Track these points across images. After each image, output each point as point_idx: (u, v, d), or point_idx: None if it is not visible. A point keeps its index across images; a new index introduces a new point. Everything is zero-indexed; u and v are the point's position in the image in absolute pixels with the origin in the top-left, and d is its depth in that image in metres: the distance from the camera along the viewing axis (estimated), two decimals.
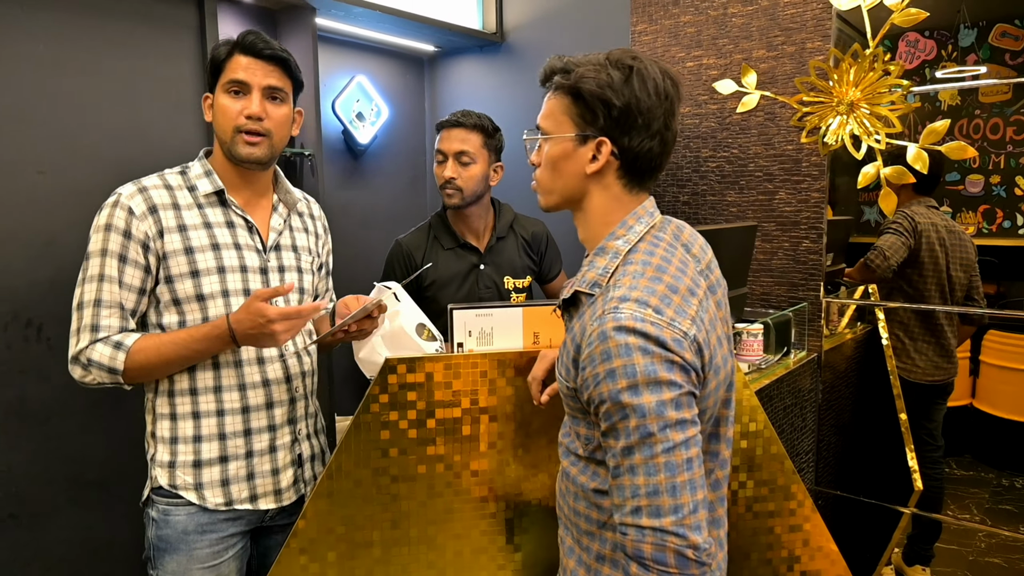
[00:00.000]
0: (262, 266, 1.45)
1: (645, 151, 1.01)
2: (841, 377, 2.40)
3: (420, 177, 3.19)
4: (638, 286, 0.96)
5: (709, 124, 2.33)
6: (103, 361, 1.33)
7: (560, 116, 1.03)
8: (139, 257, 1.35)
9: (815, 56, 2.09)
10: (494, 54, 2.98)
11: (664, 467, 0.90)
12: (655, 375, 0.90)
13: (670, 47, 2.39)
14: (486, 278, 2.03)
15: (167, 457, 1.41)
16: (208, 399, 1.40)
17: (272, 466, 1.46)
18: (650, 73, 0.99)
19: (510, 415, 1.39)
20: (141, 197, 1.36)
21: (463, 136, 1.96)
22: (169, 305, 1.38)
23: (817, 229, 2.17)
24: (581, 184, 1.04)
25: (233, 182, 1.44)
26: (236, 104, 1.38)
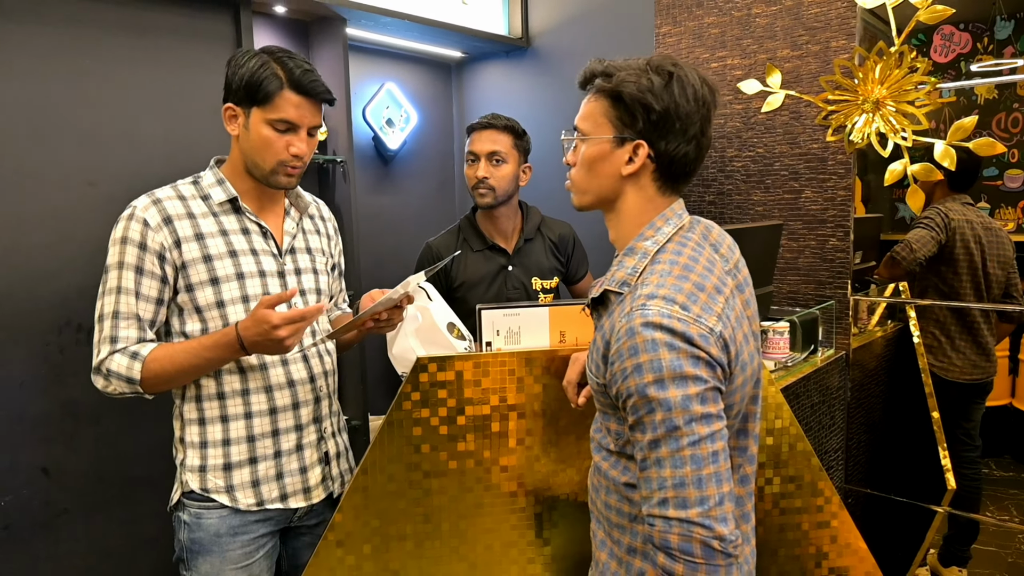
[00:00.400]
0: (279, 270, 1.47)
1: (681, 155, 1.04)
2: (871, 375, 2.39)
3: (449, 181, 3.25)
4: (665, 284, 0.99)
5: (734, 124, 2.34)
6: (120, 371, 1.35)
7: (599, 118, 1.07)
8: (155, 268, 1.37)
9: (840, 55, 2.09)
10: (520, 59, 3.02)
11: (690, 460, 0.93)
12: (681, 370, 0.93)
13: (694, 48, 2.41)
14: (514, 279, 2.08)
15: (197, 461, 1.44)
16: (236, 402, 1.43)
17: (300, 464, 1.49)
18: (690, 80, 1.03)
19: (538, 412, 1.43)
20: (155, 209, 1.38)
21: (494, 137, 2.02)
22: (192, 313, 1.40)
23: (844, 227, 2.16)
24: (616, 185, 1.08)
25: (246, 190, 1.46)
26: (280, 140, 1.38)
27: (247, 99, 1.37)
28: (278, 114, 1.37)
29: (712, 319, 0.97)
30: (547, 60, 2.95)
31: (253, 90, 1.36)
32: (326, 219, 1.64)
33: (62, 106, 1.85)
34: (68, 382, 1.87)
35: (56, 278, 1.84)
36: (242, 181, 1.45)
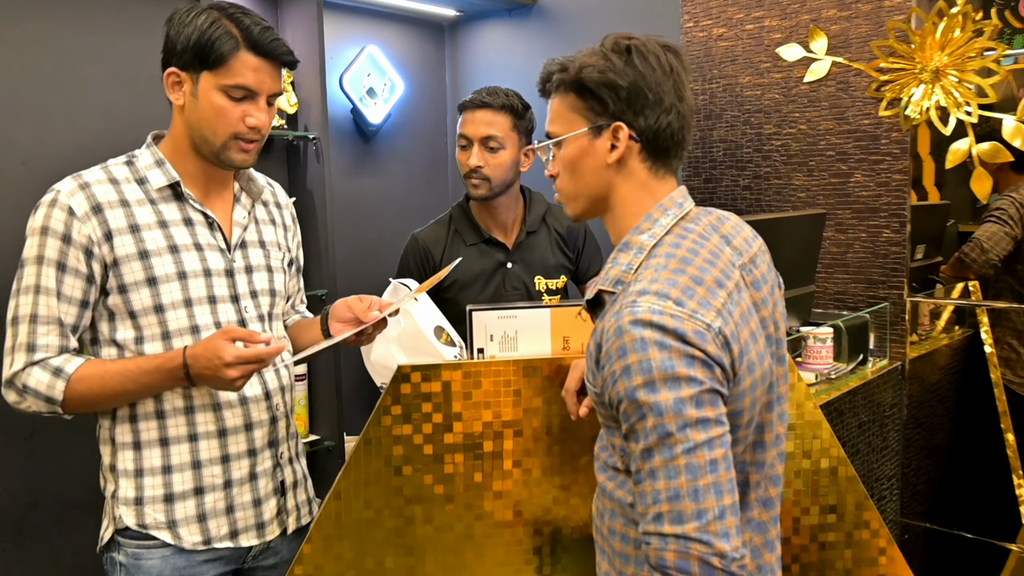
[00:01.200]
0: (227, 268, 1.48)
1: (664, 127, 1.12)
2: (932, 390, 2.43)
3: (440, 162, 3.30)
4: (659, 279, 1.05)
5: (772, 96, 2.39)
6: (39, 389, 1.34)
7: (568, 115, 1.16)
8: (80, 265, 1.36)
9: (894, 15, 2.13)
10: (525, 18, 3.07)
11: (685, 469, 0.97)
12: (672, 370, 0.99)
13: (726, 7, 2.45)
14: (514, 278, 2.11)
15: (132, 493, 1.43)
16: (178, 422, 1.44)
17: (253, 496, 1.50)
18: (649, 49, 1.12)
19: (538, 430, 1.47)
20: (83, 195, 1.36)
21: (490, 118, 2.04)
22: (124, 318, 1.40)
23: (900, 217, 2.20)
24: (604, 178, 1.15)
25: (190, 172, 1.45)
26: (236, 109, 1.39)
27: (195, 62, 1.37)
28: (233, 79, 1.37)
29: (710, 314, 1.02)
30: (556, 20, 3.00)
31: (203, 52, 1.35)
32: (282, 206, 1.64)
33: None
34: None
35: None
36: (186, 162, 1.45)
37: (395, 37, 3.09)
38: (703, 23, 2.51)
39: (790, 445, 1.52)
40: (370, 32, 3.00)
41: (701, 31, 2.52)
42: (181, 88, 1.41)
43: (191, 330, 1.43)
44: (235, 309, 1.48)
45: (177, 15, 1.40)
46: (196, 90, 1.39)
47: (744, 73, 2.44)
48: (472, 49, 3.24)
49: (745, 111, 2.45)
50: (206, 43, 1.36)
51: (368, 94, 2.98)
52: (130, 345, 1.42)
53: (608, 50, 1.12)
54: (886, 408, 2.17)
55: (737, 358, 1.05)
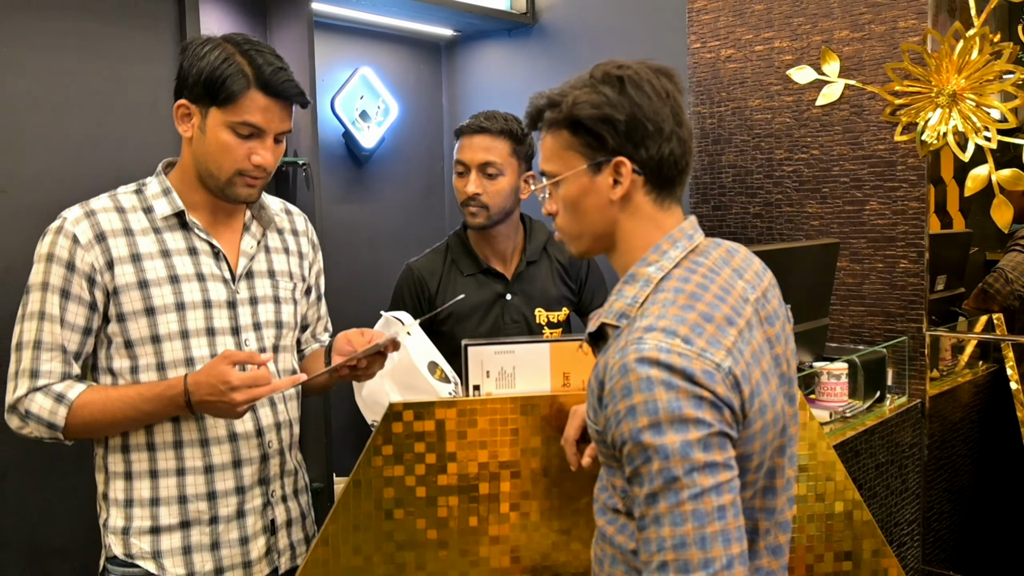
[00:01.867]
0: (229, 299, 1.52)
1: (667, 156, 1.13)
2: (954, 430, 2.43)
3: (436, 188, 3.33)
4: (667, 315, 1.06)
5: (783, 120, 2.42)
6: (42, 415, 1.41)
7: (563, 153, 1.16)
8: (83, 292, 1.42)
9: (909, 37, 2.17)
10: (524, 38, 3.11)
11: (691, 516, 0.98)
12: (679, 412, 0.99)
13: (734, 28, 2.50)
14: (513, 310, 2.13)
15: (121, 522, 1.48)
16: (167, 456, 1.49)
17: (240, 534, 1.54)
18: (642, 76, 1.13)
19: (536, 471, 1.48)
20: (88, 223, 1.43)
21: (488, 144, 2.07)
22: (121, 347, 1.46)
23: (918, 246, 2.23)
24: (608, 215, 1.16)
25: (197, 202, 1.50)
26: (242, 146, 1.44)
27: (205, 97, 1.43)
28: (241, 116, 1.42)
29: (720, 353, 1.03)
30: (558, 40, 3.04)
31: (214, 87, 1.41)
32: (299, 232, 1.69)
33: None
34: None
35: None
36: (193, 192, 1.51)
37: (389, 58, 3.14)
38: (710, 44, 2.56)
39: (802, 487, 1.53)
40: (363, 53, 3.04)
41: (708, 52, 2.56)
42: (190, 120, 1.47)
43: (186, 362, 1.48)
44: (235, 342, 1.53)
45: (192, 46, 1.46)
46: (204, 124, 1.45)
47: (754, 96, 2.48)
48: (470, 70, 3.29)
49: (755, 135, 2.48)
50: (217, 79, 1.41)
51: (361, 117, 3.02)
52: (125, 374, 1.48)
53: (599, 82, 1.13)
54: (905, 448, 2.18)
55: (747, 399, 1.06)
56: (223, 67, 1.41)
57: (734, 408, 1.04)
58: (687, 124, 1.16)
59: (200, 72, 1.42)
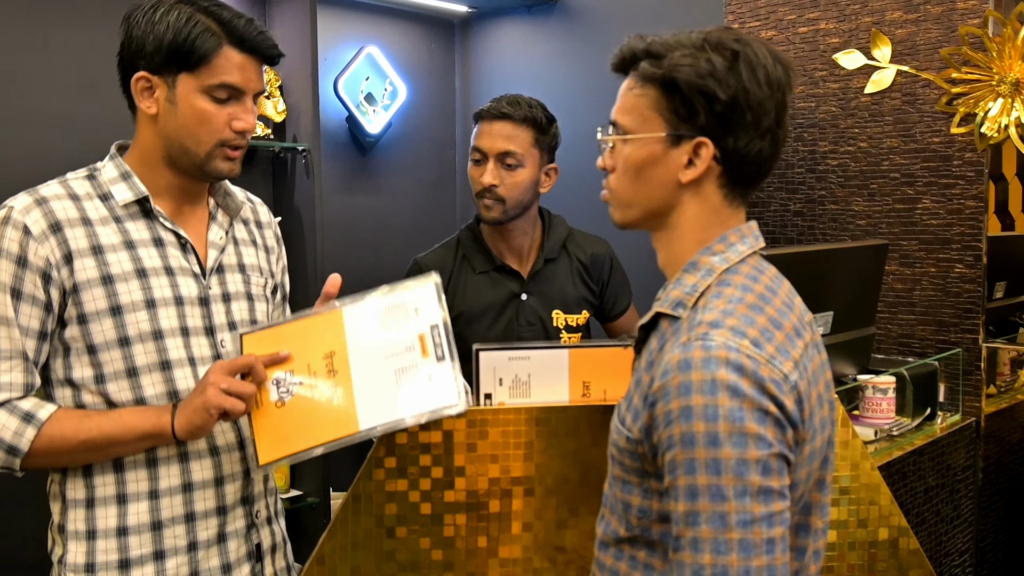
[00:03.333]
0: (201, 295, 1.49)
1: (754, 153, 1.10)
2: (1013, 451, 2.42)
3: (448, 177, 3.34)
4: (734, 312, 1.04)
5: (828, 109, 2.41)
6: (3, 436, 1.34)
7: (647, 111, 1.12)
8: (38, 291, 1.36)
9: (968, 19, 2.16)
10: (546, 16, 3.12)
11: (738, 545, 0.96)
12: (741, 424, 0.97)
13: (776, 7, 2.49)
14: (529, 311, 2.13)
15: (82, 559, 1.42)
16: (139, 476, 1.44)
17: (222, 561, 1.50)
18: (760, 59, 1.08)
19: (551, 488, 1.48)
20: (40, 211, 1.37)
21: (509, 131, 2.06)
22: (82, 353, 1.40)
23: (974, 249, 2.21)
24: (671, 195, 1.13)
25: (160, 187, 1.46)
26: (221, 112, 1.42)
27: (171, 64, 1.40)
28: (218, 78, 1.40)
29: (788, 364, 1.02)
30: (583, 18, 3.04)
31: (181, 52, 1.38)
32: (263, 224, 1.67)
33: None
34: None
35: None
36: (156, 175, 1.47)
37: (398, 36, 3.15)
38: (750, 25, 2.55)
39: (844, 512, 1.52)
40: (369, 31, 3.05)
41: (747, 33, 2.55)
42: (152, 95, 1.43)
43: (161, 366, 1.43)
44: (209, 343, 1.49)
45: (139, 12, 1.41)
46: (174, 95, 1.41)
47: (796, 82, 2.45)
48: (486, 50, 3.29)
49: (797, 125, 2.47)
50: (183, 42, 1.38)
51: (366, 100, 3.03)
52: (89, 384, 1.42)
53: (712, 48, 1.08)
54: (958, 471, 2.17)
55: (807, 419, 1.04)
56: (188, 27, 1.38)
57: (797, 427, 1.02)
58: (786, 126, 1.12)
59: (160, 38, 1.38)
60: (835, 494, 1.51)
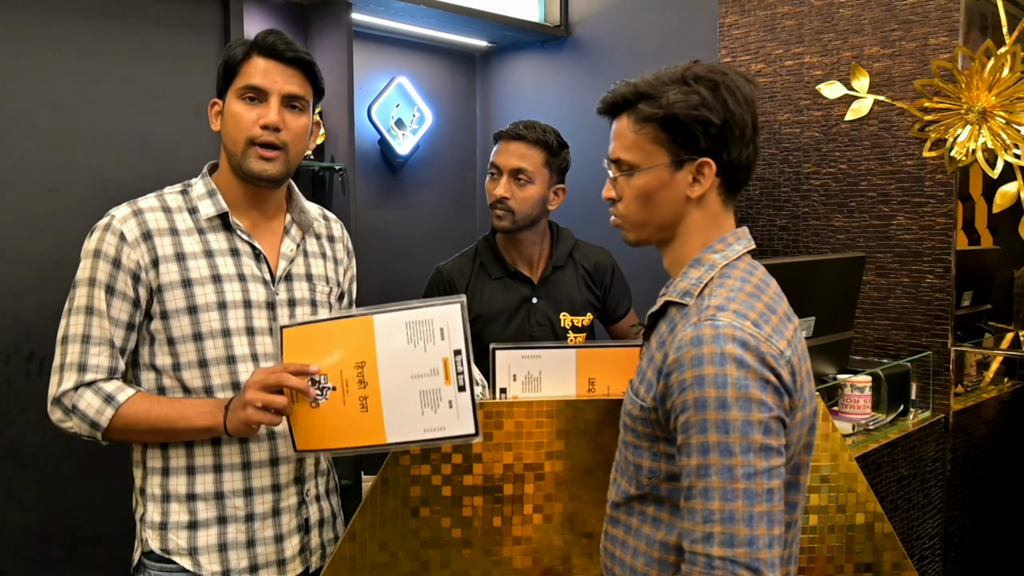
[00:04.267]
0: (269, 300, 1.54)
1: (744, 160, 1.17)
2: (978, 445, 2.40)
3: (468, 195, 3.34)
4: (736, 299, 1.10)
5: (812, 134, 2.40)
6: (88, 412, 1.42)
7: (649, 146, 1.17)
8: (128, 289, 1.44)
9: (939, 54, 2.15)
10: (558, 50, 3.12)
11: (743, 494, 1.01)
12: (746, 391, 1.03)
13: (765, 42, 2.48)
14: (539, 313, 2.14)
15: (158, 517, 1.49)
16: (204, 452, 1.50)
17: (275, 532, 1.54)
18: (736, 83, 1.16)
19: (561, 474, 1.48)
20: (135, 221, 1.45)
21: (523, 151, 2.09)
22: (163, 344, 1.47)
23: (944, 262, 2.20)
24: (679, 210, 1.19)
25: (239, 202, 1.53)
26: (251, 112, 1.47)
27: (222, 83, 1.50)
28: (244, 81, 1.47)
29: (783, 342, 1.08)
30: (590, 53, 3.05)
31: (225, 70, 1.49)
32: (336, 239, 1.71)
33: (23, 101, 1.98)
34: (14, 419, 1.97)
35: (7, 298, 1.96)
36: (233, 190, 1.54)
37: (425, 68, 3.16)
38: (741, 58, 2.54)
39: (824, 498, 1.51)
40: (400, 63, 3.07)
41: (739, 66, 2.55)
42: (220, 116, 1.52)
43: (227, 360, 1.49)
44: (273, 342, 1.52)
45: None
46: (224, 108, 1.50)
47: (783, 110, 2.46)
48: (503, 81, 3.30)
49: (783, 149, 2.46)
50: (226, 61, 1.49)
51: (396, 125, 3.04)
52: (168, 371, 1.48)
53: (695, 81, 1.14)
54: (928, 463, 2.15)
55: (798, 390, 1.10)
56: (232, 51, 1.49)
57: (792, 395, 1.08)
58: (759, 130, 1.19)
59: (218, 68, 1.50)
60: (816, 482, 1.51)
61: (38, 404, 1.98)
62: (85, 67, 2.08)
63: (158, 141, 2.19)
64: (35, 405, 1.99)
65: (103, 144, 2.11)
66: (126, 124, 2.14)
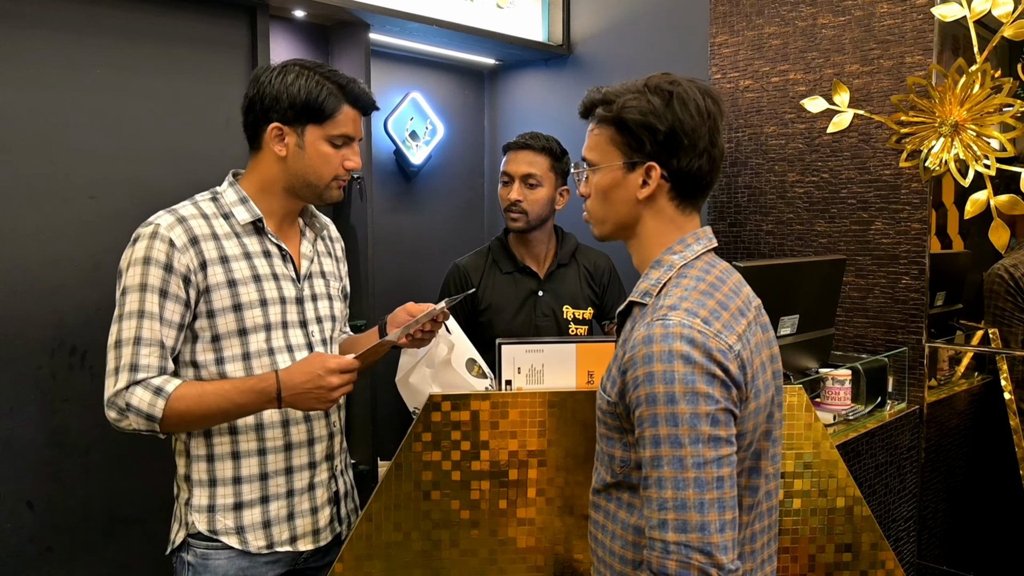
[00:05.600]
0: (298, 296, 1.58)
1: (695, 170, 1.15)
2: (951, 435, 2.39)
3: (477, 200, 3.35)
4: (689, 297, 1.09)
5: (796, 145, 2.40)
6: (141, 407, 1.41)
7: (606, 146, 1.19)
8: (180, 291, 1.45)
9: (915, 72, 2.14)
10: (560, 68, 3.12)
11: (693, 483, 1.01)
12: (693, 385, 1.02)
13: (753, 61, 2.48)
14: (544, 305, 2.18)
15: (205, 501, 1.51)
16: (249, 438, 1.52)
17: (311, 504, 1.59)
18: (690, 95, 1.15)
19: (561, 460, 1.48)
20: (181, 228, 1.46)
21: (530, 159, 2.16)
22: (207, 341, 1.48)
23: (919, 264, 2.19)
24: (633, 210, 1.19)
25: (270, 210, 1.56)
26: (338, 155, 1.54)
27: (302, 118, 1.51)
28: (339, 130, 1.52)
29: (732, 337, 1.06)
30: (590, 70, 3.05)
31: (312, 109, 1.49)
32: (334, 240, 1.76)
33: (64, 115, 1.99)
34: (58, 409, 1.98)
35: (52, 297, 1.97)
36: (269, 200, 1.56)
37: (437, 84, 3.16)
38: (730, 75, 2.54)
39: (807, 483, 1.51)
40: (414, 79, 3.07)
41: (728, 83, 2.54)
42: (283, 141, 1.52)
43: (268, 352, 1.52)
44: (303, 333, 1.58)
45: (268, 73, 1.52)
46: (303, 142, 1.52)
47: (769, 123, 2.46)
48: (510, 96, 3.30)
49: (769, 159, 2.46)
50: (314, 101, 1.50)
51: (411, 137, 3.04)
52: (209, 366, 1.50)
53: (651, 91, 1.15)
54: (903, 450, 2.14)
55: (749, 382, 1.08)
56: (318, 90, 1.50)
57: (741, 387, 1.06)
58: (721, 145, 1.18)
59: (294, 97, 1.49)
60: (799, 468, 1.51)
61: (80, 395, 2.01)
62: (124, 82, 2.09)
63: (190, 152, 2.20)
64: (77, 395, 2.00)
65: (139, 154, 2.12)
66: (160, 136, 2.15)
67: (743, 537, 1.15)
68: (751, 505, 1.16)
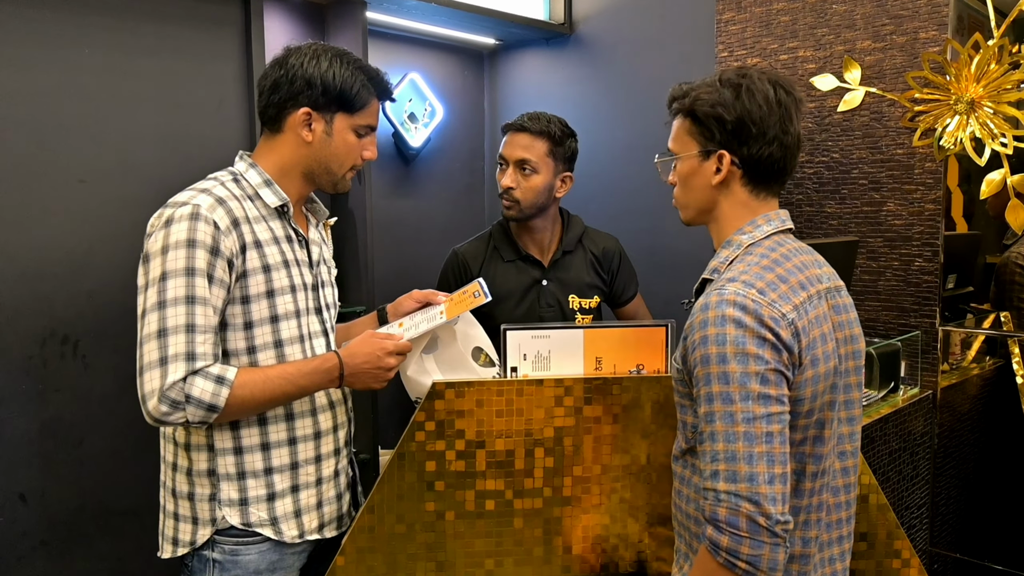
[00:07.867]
0: (312, 282, 1.57)
1: (765, 157, 1.24)
2: (964, 420, 2.36)
3: (477, 184, 3.30)
4: (749, 271, 1.18)
5: (806, 125, 2.35)
6: (204, 398, 1.34)
7: (683, 137, 1.30)
8: (224, 276, 1.40)
9: (929, 47, 2.10)
10: (562, 47, 3.07)
11: (743, 436, 1.08)
12: (743, 346, 1.10)
13: (761, 38, 2.43)
14: (548, 295, 2.11)
15: (236, 495, 1.47)
16: (279, 428, 1.50)
17: (336, 491, 1.59)
18: (758, 87, 1.23)
19: (568, 449, 1.45)
20: (223, 210, 1.41)
21: (527, 143, 2.06)
22: (238, 328, 1.44)
23: (932, 246, 2.15)
24: (710, 195, 1.29)
25: (289, 193, 1.54)
26: (359, 145, 1.56)
27: (333, 105, 1.51)
28: (367, 120, 1.55)
29: (787, 307, 1.14)
30: (593, 49, 3.00)
31: (346, 98, 1.51)
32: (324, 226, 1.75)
33: (52, 96, 1.94)
34: (51, 399, 1.95)
35: (41, 284, 1.93)
36: (290, 184, 1.54)
37: (436, 64, 3.12)
38: (738, 53, 2.49)
39: None
40: (412, 59, 3.03)
41: (736, 61, 2.49)
42: (310, 126, 1.51)
43: (299, 339, 1.51)
44: (318, 320, 1.58)
45: (299, 56, 1.50)
46: (331, 129, 1.52)
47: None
48: (510, 77, 3.26)
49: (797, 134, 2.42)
50: (349, 91, 1.51)
51: (409, 119, 3.00)
52: (241, 355, 1.45)
53: (722, 84, 1.25)
54: (917, 436, 2.11)
55: (805, 349, 1.15)
56: (353, 80, 1.51)
57: (793, 352, 1.13)
58: (794, 133, 1.25)
59: (330, 85, 1.49)
60: None
61: (73, 385, 1.97)
62: (113, 62, 2.04)
63: (183, 133, 2.15)
64: (70, 385, 1.97)
65: (130, 137, 2.07)
66: (152, 117, 2.11)
67: (809, 504, 1.22)
68: (815, 472, 1.21)
